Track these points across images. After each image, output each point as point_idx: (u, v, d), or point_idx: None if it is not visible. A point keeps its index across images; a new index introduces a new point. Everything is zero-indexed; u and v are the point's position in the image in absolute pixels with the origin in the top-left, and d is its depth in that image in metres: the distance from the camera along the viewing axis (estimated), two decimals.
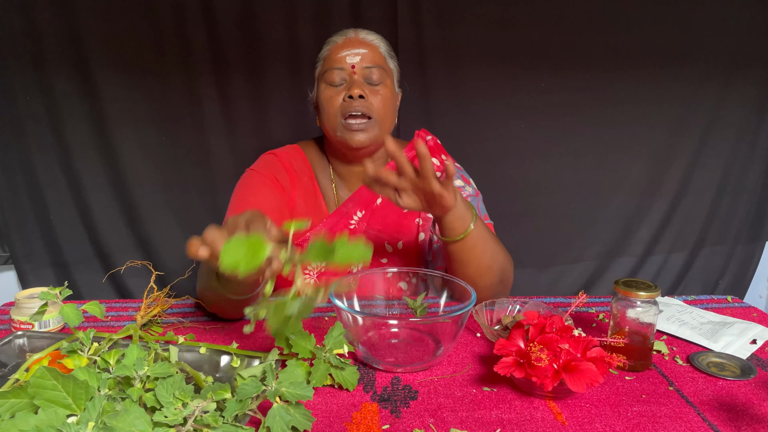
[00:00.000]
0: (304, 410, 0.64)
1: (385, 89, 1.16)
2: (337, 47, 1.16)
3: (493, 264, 1.03)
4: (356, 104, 1.12)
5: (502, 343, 0.77)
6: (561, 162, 1.93)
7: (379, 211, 1.21)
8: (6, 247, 1.84)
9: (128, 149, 1.77)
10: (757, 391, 0.77)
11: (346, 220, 1.21)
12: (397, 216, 1.22)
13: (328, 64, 1.16)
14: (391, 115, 1.19)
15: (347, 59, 1.15)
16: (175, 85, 1.74)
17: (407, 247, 1.22)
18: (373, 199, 1.22)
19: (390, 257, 1.22)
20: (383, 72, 1.16)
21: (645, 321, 0.81)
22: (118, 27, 1.67)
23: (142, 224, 1.83)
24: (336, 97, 1.14)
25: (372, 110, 1.13)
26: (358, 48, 1.15)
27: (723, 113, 1.94)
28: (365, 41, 1.17)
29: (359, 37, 1.17)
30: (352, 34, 1.18)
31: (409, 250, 1.22)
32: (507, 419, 0.70)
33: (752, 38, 1.87)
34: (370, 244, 0.69)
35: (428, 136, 1.28)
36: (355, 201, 1.21)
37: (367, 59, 1.15)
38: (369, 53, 1.16)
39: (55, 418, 0.55)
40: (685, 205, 2.02)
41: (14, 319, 0.90)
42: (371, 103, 1.13)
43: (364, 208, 1.21)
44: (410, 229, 1.22)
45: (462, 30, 1.78)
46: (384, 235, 1.21)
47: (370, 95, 1.13)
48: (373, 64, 1.15)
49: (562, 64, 1.83)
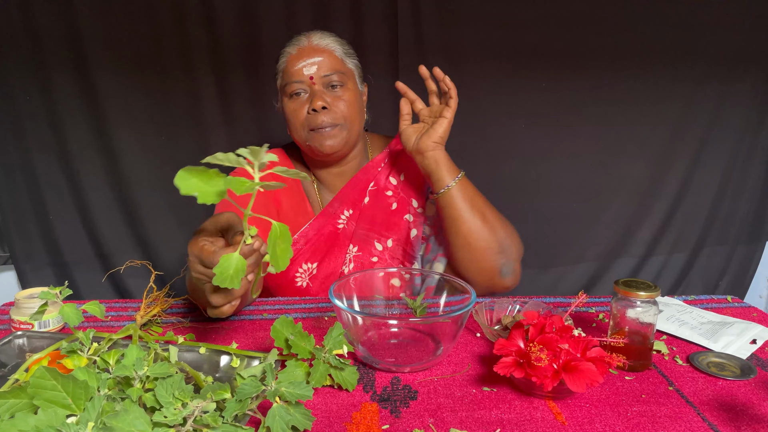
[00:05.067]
0: (304, 410, 0.64)
1: (347, 92, 1.15)
2: (292, 58, 1.14)
3: (487, 225, 1.08)
4: (321, 117, 1.12)
5: (502, 343, 0.77)
6: (561, 162, 1.93)
7: (367, 210, 1.21)
8: (6, 247, 1.84)
9: (128, 149, 1.77)
10: (757, 391, 0.77)
11: (333, 220, 1.21)
12: (385, 214, 1.22)
13: (287, 77, 1.14)
14: (358, 116, 1.18)
15: (304, 71, 1.12)
16: (175, 85, 1.74)
17: (397, 244, 1.22)
18: (360, 198, 1.22)
19: (380, 255, 1.22)
20: (343, 75, 1.14)
21: (645, 321, 0.81)
22: (118, 27, 1.68)
23: (142, 224, 1.83)
24: (300, 110, 1.13)
25: (337, 117, 1.13)
26: (313, 57, 1.13)
27: (723, 114, 1.94)
28: (319, 48, 1.14)
29: (313, 44, 1.14)
30: (305, 42, 1.15)
31: (400, 247, 1.23)
32: (507, 419, 0.69)
33: (753, 39, 1.87)
34: None
35: None
36: (341, 200, 1.22)
37: (324, 67, 1.13)
38: (325, 60, 1.13)
39: (55, 418, 0.55)
40: (686, 206, 2.02)
41: (14, 319, 0.90)
42: (335, 111, 1.13)
43: (352, 207, 1.21)
44: (399, 226, 1.22)
45: (462, 30, 1.78)
46: (373, 233, 1.21)
47: (333, 102, 1.13)
48: (331, 70, 1.13)
49: (562, 64, 1.83)
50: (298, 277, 1.19)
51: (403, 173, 1.25)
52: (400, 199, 1.23)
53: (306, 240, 1.20)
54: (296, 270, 1.19)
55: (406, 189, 1.24)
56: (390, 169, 1.25)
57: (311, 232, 1.20)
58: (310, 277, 1.19)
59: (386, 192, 1.23)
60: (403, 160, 1.25)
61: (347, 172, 1.24)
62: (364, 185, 1.23)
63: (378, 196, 1.23)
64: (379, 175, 1.24)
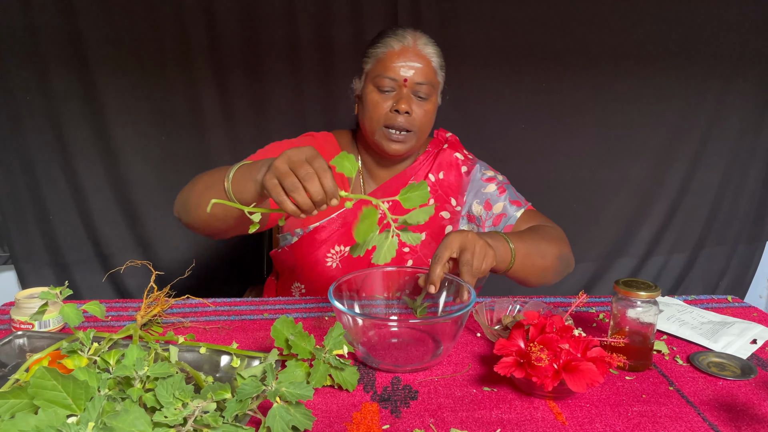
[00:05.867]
0: (305, 410, 0.64)
1: (430, 104, 1.16)
2: (393, 54, 1.13)
3: (549, 262, 1.09)
4: (401, 120, 1.13)
5: (502, 343, 0.77)
6: (561, 162, 1.93)
7: None
8: (6, 247, 1.84)
9: (128, 149, 1.77)
10: (757, 391, 0.77)
11: None
12: None
13: (381, 69, 1.14)
14: (428, 128, 1.20)
15: (401, 71, 1.12)
16: (175, 85, 1.74)
17: (431, 238, 1.24)
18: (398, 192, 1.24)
19: (412, 247, 1.23)
20: (431, 88, 1.15)
21: (645, 321, 0.81)
22: (118, 27, 1.68)
23: (142, 224, 1.83)
24: (382, 104, 1.14)
25: (414, 124, 1.15)
26: (414, 61, 1.13)
27: (724, 114, 1.94)
28: (422, 54, 1.14)
29: (417, 47, 1.14)
30: (410, 42, 1.14)
31: (433, 241, 1.24)
32: (507, 419, 0.69)
33: (753, 39, 1.87)
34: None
35: (447, 134, 1.33)
36: (384, 191, 1.24)
37: (420, 75, 1.13)
38: (423, 68, 1.13)
39: (55, 419, 0.55)
40: (686, 206, 2.02)
41: (14, 319, 0.90)
42: (414, 118, 1.14)
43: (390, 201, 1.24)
44: (434, 222, 1.25)
45: (462, 30, 1.78)
46: None
47: (416, 110, 1.14)
48: (425, 80, 1.14)
49: (562, 64, 1.83)
50: (329, 258, 1.21)
51: (442, 171, 1.27)
52: (438, 196, 1.26)
53: (343, 222, 1.21)
54: (328, 250, 1.21)
55: (444, 187, 1.27)
56: (430, 166, 1.28)
57: (350, 215, 1.21)
58: (341, 259, 1.22)
59: None
60: (443, 159, 1.28)
61: (396, 168, 1.26)
62: (406, 180, 1.25)
63: None
64: (419, 171, 1.27)
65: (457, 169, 1.27)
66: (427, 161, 1.28)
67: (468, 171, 1.28)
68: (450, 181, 1.27)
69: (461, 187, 1.27)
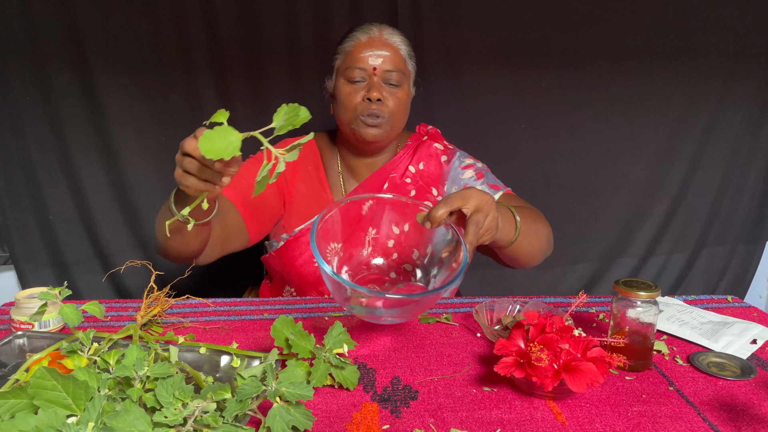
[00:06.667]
0: (305, 410, 0.64)
1: (402, 92, 1.19)
2: (360, 45, 1.17)
3: (543, 241, 1.11)
4: (373, 107, 1.15)
5: (502, 343, 0.77)
6: (561, 162, 1.92)
7: None
8: (6, 247, 1.84)
9: (128, 149, 1.77)
10: (757, 391, 0.77)
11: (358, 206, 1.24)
12: None
13: (350, 61, 1.17)
14: (403, 116, 1.23)
15: (369, 60, 1.16)
16: (175, 86, 1.74)
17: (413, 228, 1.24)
18: (381, 186, 1.26)
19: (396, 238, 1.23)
20: (402, 75, 1.18)
21: (645, 321, 0.81)
22: (118, 27, 1.67)
23: (142, 224, 1.83)
24: (354, 95, 1.17)
25: (387, 111, 1.17)
26: (381, 49, 1.17)
27: (724, 113, 1.94)
28: (388, 42, 1.18)
29: (383, 37, 1.18)
30: (376, 33, 1.18)
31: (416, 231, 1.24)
32: (507, 419, 0.69)
33: (753, 38, 1.87)
34: None
35: (428, 127, 1.34)
36: (365, 188, 1.25)
37: (389, 62, 1.17)
38: (391, 56, 1.17)
39: (55, 419, 0.55)
40: (686, 206, 2.02)
41: (14, 319, 0.90)
42: (387, 105, 1.17)
43: None
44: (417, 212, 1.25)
45: (462, 30, 1.78)
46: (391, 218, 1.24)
47: (387, 97, 1.17)
48: (394, 67, 1.17)
49: (562, 64, 1.83)
50: None
51: (422, 162, 1.28)
52: (419, 186, 1.27)
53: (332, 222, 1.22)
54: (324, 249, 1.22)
55: (425, 177, 1.28)
56: (410, 158, 1.29)
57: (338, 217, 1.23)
58: None
59: (405, 179, 1.28)
60: (423, 150, 1.29)
61: (376, 164, 1.28)
62: (387, 175, 1.27)
63: (397, 183, 1.27)
64: (399, 165, 1.28)
65: (437, 159, 1.29)
66: (407, 154, 1.29)
67: (448, 160, 1.29)
68: (430, 170, 1.28)
69: (441, 176, 1.28)
